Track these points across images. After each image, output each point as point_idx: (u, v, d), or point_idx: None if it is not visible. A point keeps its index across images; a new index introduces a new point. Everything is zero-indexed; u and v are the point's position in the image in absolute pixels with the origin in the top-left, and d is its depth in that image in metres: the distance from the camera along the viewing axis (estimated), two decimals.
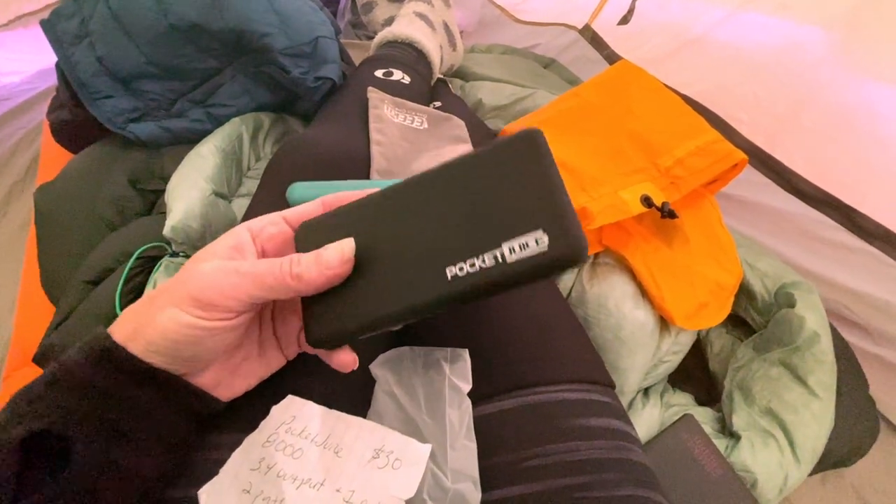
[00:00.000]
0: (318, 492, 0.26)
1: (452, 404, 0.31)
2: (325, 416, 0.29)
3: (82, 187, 0.57)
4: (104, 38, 0.58)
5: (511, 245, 0.21)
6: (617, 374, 0.48)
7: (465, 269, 0.22)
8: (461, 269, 0.22)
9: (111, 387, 0.23)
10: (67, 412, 0.22)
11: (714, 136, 0.52)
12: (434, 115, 0.58)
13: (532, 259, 0.21)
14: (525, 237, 0.21)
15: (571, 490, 0.30)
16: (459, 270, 0.22)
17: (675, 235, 0.52)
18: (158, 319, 0.23)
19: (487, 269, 0.22)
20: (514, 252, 0.21)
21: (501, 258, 0.21)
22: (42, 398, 0.22)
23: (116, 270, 0.50)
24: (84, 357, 0.23)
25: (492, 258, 0.22)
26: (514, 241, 0.21)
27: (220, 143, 0.56)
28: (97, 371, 0.23)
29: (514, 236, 0.21)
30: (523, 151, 0.22)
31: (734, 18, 0.70)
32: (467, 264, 0.22)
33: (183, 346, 0.23)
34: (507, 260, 0.21)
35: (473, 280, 0.22)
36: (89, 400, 0.22)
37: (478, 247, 0.22)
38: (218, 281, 0.23)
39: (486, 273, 0.22)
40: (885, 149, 0.57)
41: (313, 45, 0.61)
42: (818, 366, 0.50)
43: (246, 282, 0.24)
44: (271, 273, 0.24)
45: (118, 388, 0.23)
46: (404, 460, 0.28)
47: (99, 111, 0.59)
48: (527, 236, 0.21)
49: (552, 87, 0.81)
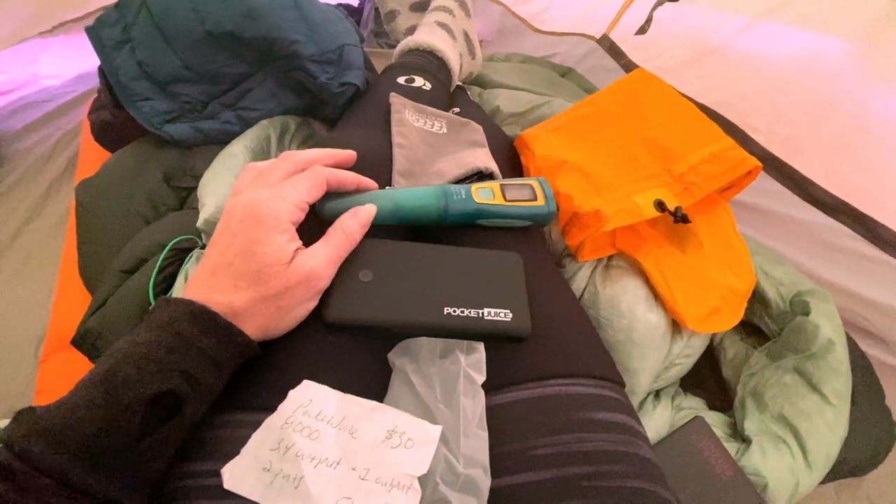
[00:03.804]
0: (334, 470, 0.27)
1: (467, 394, 0.32)
2: (340, 400, 0.31)
3: (120, 183, 0.60)
4: (145, 43, 0.62)
5: (489, 310, 0.34)
6: (628, 375, 0.49)
7: (456, 311, 0.34)
8: (454, 311, 0.34)
9: (205, 344, 0.28)
10: (187, 377, 0.27)
11: (728, 143, 0.53)
12: (453, 120, 0.59)
13: (498, 322, 0.34)
14: (499, 309, 0.35)
15: (579, 479, 0.30)
16: (453, 311, 0.34)
17: (688, 240, 0.53)
18: (296, 313, 0.32)
19: (470, 317, 0.34)
20: (489, 315, 0.34)
21: (481, 315, 0.34)
22: (165, 362, 0.26)
23: (150, 261, 0.52)
24: (200, 330, 0.28)
25: (475, 312, 0.34)
26: (492, 308, 0.35)
27: (249, 143, 0.59)
28: (210, 340, 0.28)
29: (493, 306, 0.35)
30: (510, 263, 0.38)
31: (753, 29, 0.70)
32: (459, 310, 0.34)
33: (284, 329, 0.33)
34: (484, 317, 0.34)
35: (459, 321, 0.34)
36: (202, 367, 0.27)
37: (469, 302, 0.35)
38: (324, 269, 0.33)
39: (468, 320, 0.34)
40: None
41: (339, 52, 0.64)
42: (832, 374, 0.50)
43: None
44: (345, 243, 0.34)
45: (226, 358, 0.29)
46: (416, 440, 0.29)
47: (137, 112, 0.62)
48: (500, 309, 0.35)
49: (569, 95, 0.82)
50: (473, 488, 0.28)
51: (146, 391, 0.25)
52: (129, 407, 0.24)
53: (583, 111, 0.62)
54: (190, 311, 0.28)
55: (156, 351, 0.26)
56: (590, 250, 0.52)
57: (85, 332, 0.48)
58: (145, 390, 0.25)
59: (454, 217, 0.42)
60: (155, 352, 0.26)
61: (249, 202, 0.31)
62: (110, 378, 0.25)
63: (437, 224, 0.43)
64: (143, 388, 0.25)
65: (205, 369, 0.28)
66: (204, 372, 0.28)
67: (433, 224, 0.43)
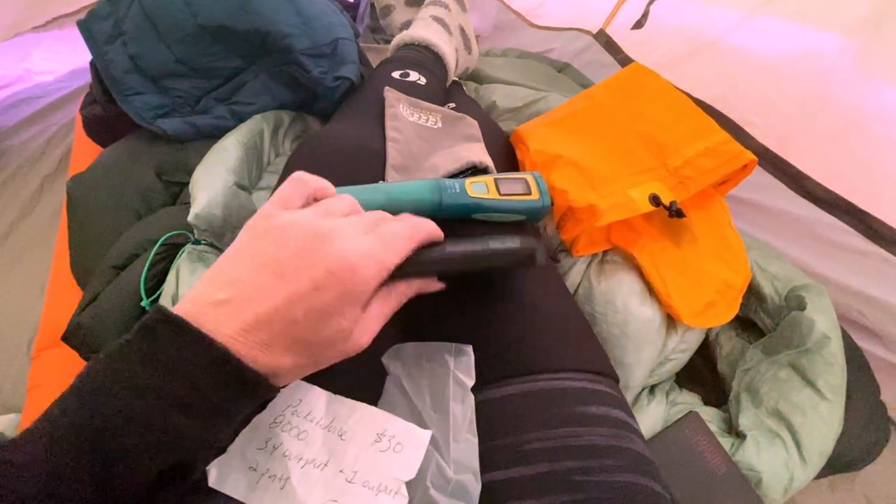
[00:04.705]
0: (322, 472, 0.27)
1: (456, 398, 0.32)
2: (329, 401, 0.30)
3: (112, 178, 0.60)
4: (137, 37, 0.61)
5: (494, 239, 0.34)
6: (622, 369, 0.49)
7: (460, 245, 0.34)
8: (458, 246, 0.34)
9: (233, 409, 0.23)
10: (200, 442, 0.22)
11: (723, 137, 0.53)
12: (448, 115, 0.59)
13: (508, 245, 0.34)
14: (505, 237, 0.34)
15: (571, 473, 0.30)
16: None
17: (683, 235, 0.52)
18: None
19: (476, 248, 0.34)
20: (495, 243, 0.34)
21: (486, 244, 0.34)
22: (175, 430, 0.21)
23: (141, 256, 0.52)
24: (223, 385, 0.22)
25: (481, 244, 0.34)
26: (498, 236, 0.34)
27: (242, 137, 0.59)
28: (229, 397, 0.23)
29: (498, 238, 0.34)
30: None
31: (748, 23, 0.70)
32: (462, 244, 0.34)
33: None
34: (491, 246, 0.34)
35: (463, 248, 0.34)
36: (216, 426, 0.23)
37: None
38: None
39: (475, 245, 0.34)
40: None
41: (333, 46, 0.63)
42: (827, 368, 0.50)
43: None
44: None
45: (239, 409, 0.24)
46: (406, 444, 0.29)
47: (129, 107, 0.62)
48: (507, 236, 0.34)
49: (566, 90, 0.82)
50: (464, 494, 0.28)
51: (150, 469, 0.20)
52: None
53: (578, 106, 0.62)
54: (225, 372, 0.22)
55: (164, 411, 0.21)
56: (585, 245, 0.52)
57: (76, 328, 0.48)
58: (149, 467, 0.20)
59: (448, 211, 0.42)
60: (163, 412, 0.21)
61: (347, 251, 0.25)
62: (99, 441, 0.20)
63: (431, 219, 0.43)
64: (144, 465, 0.20)
65: (222, 430, 0.23)
66: (220, 433, 0.23)
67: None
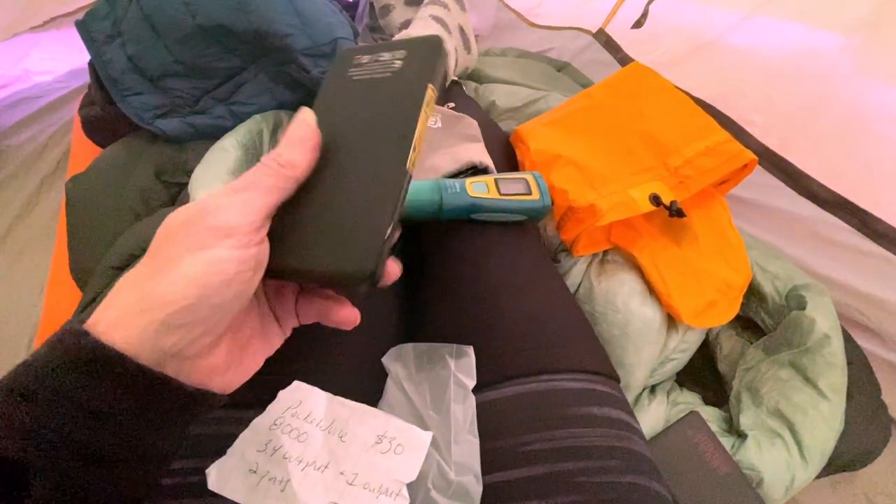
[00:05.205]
0: (322, 474, 0.27)
1: (457, 399, 0.32)
2: (330, 402, 0.30)
3: (111, 179, 0.60)
4: (135, 37, 0.61)
5: None
6: (623, 369, 0.49)
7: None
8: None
9: (104, 407, 0.18)
10: (37, 437, 0.17)
11: (724, 137, 0.53)
12: (448, 115, 0.59)
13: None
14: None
15: (572, 474, 0.30)
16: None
17: (683, 234, 0.52)
18: (183, 270, 0.20)
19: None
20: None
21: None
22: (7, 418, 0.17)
23: (140, 257, 0.52)
24: (75, 371, 0.18)
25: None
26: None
27: (241, 138, 0.59)
28: (90, 386, 0.18)
29: None
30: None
31: (749, 22, 0.70)
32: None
33: (213, 293, 0.20)
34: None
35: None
36: (68, 422, 0.18)
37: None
38: (229, 203, 0.22)
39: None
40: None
41: (332, 45, 0.63)
42: (828, 368, 0.49)
43: (251, 193, 0.22)
44: (265, 174, 0.23)
45: (114, 407, 0.19)
46: (406, 446, 0.29)
47: (128, 107, 0.62)
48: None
49: (565, 89, 0.81)
50: (465, 496, 0.28)
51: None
52: None
53: (578, 105, 0.61)
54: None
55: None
56: (585, 245, 0.52)
57: None
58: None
59: (449, 211, 0.42)
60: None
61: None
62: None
63: (432, 219, 0.43)
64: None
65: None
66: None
67: (427, 219, 0.43)
